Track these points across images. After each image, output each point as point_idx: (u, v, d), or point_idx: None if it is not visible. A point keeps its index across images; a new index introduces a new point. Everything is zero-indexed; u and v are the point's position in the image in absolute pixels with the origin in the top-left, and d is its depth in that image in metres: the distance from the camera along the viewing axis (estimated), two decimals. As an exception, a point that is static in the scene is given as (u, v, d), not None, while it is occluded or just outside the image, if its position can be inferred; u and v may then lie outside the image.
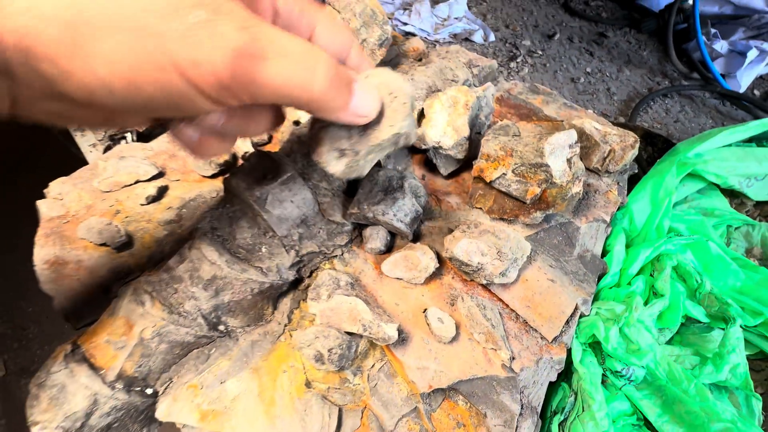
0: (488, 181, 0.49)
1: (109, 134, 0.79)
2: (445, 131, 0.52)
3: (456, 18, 1.17)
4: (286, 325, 0.43)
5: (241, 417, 0.37)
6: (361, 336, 0.41)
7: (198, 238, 0.41)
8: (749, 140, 0.69)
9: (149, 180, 0.53)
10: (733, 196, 0.69)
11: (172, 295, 0.38)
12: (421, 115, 0.56)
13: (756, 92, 0.96)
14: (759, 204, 0.69)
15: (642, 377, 0.46)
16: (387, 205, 0.46)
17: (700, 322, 0.53)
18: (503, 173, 0.48)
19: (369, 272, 0.47)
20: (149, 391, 0.37)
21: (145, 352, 0.36)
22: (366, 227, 0.49)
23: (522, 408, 0.39)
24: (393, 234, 0.49)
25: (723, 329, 0.50)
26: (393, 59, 0.70)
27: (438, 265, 0.46)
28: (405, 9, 1.18)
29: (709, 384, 0.47)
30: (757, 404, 0.46)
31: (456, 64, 0.63)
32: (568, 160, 0.47)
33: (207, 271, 0.39)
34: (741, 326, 0.48)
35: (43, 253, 0.44)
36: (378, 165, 0.54)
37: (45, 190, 0.52)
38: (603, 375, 0.46)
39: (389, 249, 0.49)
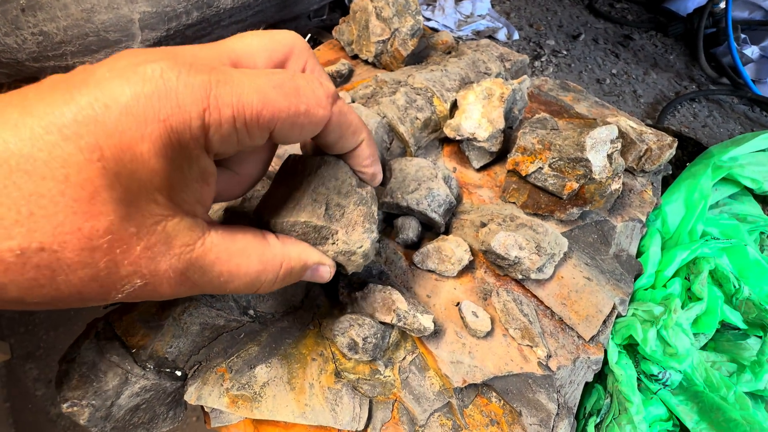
0: (524, 174, 0.48)
1: None
2: (480, 123, 0.51)
3: (479, 15, 1.16)
4: (314, 313, 0.42)
5: (270, 404, 0.36)
6: (393, 326, 0.39)
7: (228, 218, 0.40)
8: (784, 146, 0.67)
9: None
10: (765, 203, 0.67)
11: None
12: (454, 106, 0.55)
13: (787, 100, 0.94)
14: (793, 212, 0.68)
15: (678, 382, 0.44)
16: (420, 194, 0.45)
17: (734, 328, 0.51)
18: (540, 167, 0.47)
19: (399, 263, 0.46)
20: (178, 373, 0.36)
21: (176, 333, 0.35)
22: (397, 217, 0.48)
23: (558, 408, 0.38)
24: (424, 225, 0.48)
25: (760, 337, 0.49)
26: (422, 51, 0.69)
27: (471, 258, 0.44)
28: (428, 4, 1.17)
29: (746, 393, 0.45)
30: (796, 417, 0.45)
31: (488, 57, 0.62)
32: (609, 156, 0.46)
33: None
34: (781, 334, 0.47)
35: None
36: (408, 153, 0.53)
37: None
38: (638, 378, 0.45)
39: (420, 240, 0.48)
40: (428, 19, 1.12)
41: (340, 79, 0.64)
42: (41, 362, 1.16)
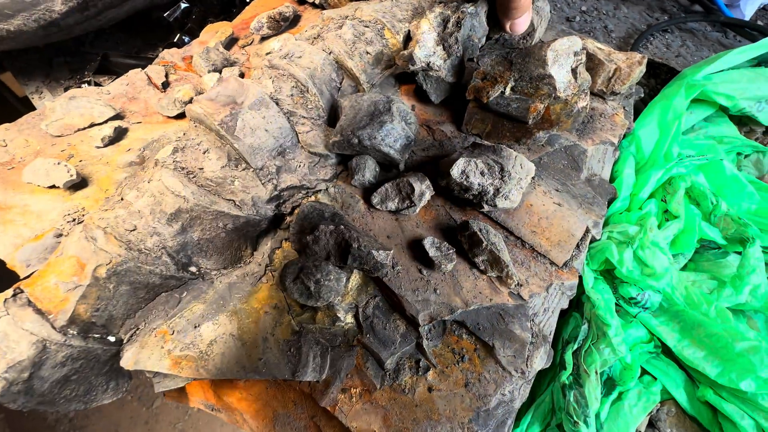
0: (485, 102, 0.44)
1: (64, 89, 0.72)
2: (434, 50, 0.46)
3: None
4: (267, 266, 0.39)
5: (218, 361, 0.32)
6: (351, 270, 0.36)
7: (159, 169, 0.36)
8: (758, 64, 0.65)
9: (105, 122, 0.47)
10: (741, 124, 0.65)
11: (130, 231, 0.33)
12: (408, 38, 0.50)
13: (760, 23, 0.91)
14: (768, 130, 0.66)
15: (658, 304, 0.42)
16: (374, 128, 0.41)
17: (713, 248, 0.50)
18: (501, 91, 0.43)
19: (357, 206, 0.42)
20: (111, 338, 0.32)
21: (102, 295, 0.31)
22: (351, 158, 0.44)
23: (533, 336, 0.35)
24: (382, 165, 0.45)
25: (739, 253, 0.47)
26: (374, -12, 0.63)
27: (434, 193, 0.41)
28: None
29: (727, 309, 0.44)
30: (778, 328, 0.44)
31: (444, -15, 0.57)
32: (573, 70, 0.42)
33: (170, 204, 0.34)
34: (761, 247, 0.45)
35: (-19, 198, 0.38)
36: (361, 91, 0.49)
37: (-14, 138, 0.46)
38: (616, 304, 0.43)
39: (379, 182, 0.44)
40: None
41: (285, 23, 0.58)
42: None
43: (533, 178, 0.42)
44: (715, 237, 0.47)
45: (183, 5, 0.75)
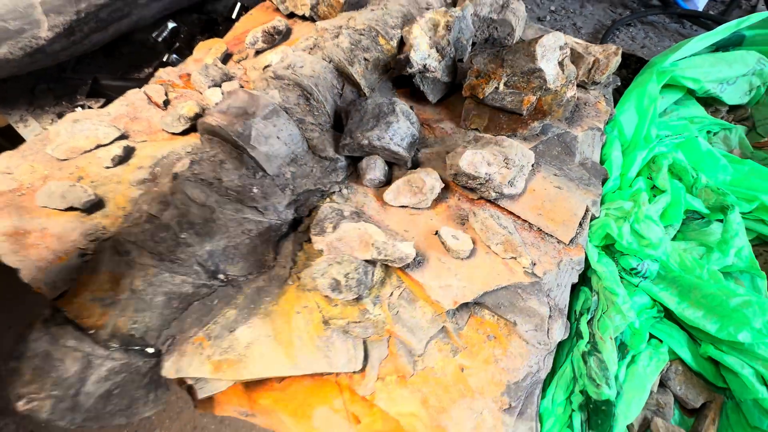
0: (481, 97, 0.47)
1: (57, 114, 0.71)
2: (429, 53, 0.49)
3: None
4: (291, 268, 0.40)
5: (258, 362, 0.33)
6: (375, 263, 0.38)
7: (180, 183, 0.37)
8: (716, 49, 0.70)
9: (111, 143, 0.47)
10: (707, 104, 0.71)
11: (160, 243, 0.34)
12: (401, 44, 0.53)
13: (711, 13, 0.98)
14: (732, 109, 0.72)
15: (656, 272, 0.46)
16: (381, 129, 0.43)
17: (697, 218, 0.54)
18: (496, 87, 0.47)
19: (371, 204, 0.44)
20: (150, 350, 0.33)
21: (139, 306, 0.32)
22: (361, 159, 0.46)
23: (551, 310, 0.38)
24: (390, 165, 0.47)
25: (721, 221, 0.51)
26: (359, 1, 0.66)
27: (443, 185, 0.43)
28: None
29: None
30: (763, 283, 0.48)
31: (428, -8, 0.60)
32: (560, 63, 0.46)
33: (196, 215, 0.35)
34: (740, 213, 0.49)
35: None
36: (362, 96, 0.51)
37: (-11, 166, 0.45)
38: (619, 276, 0.46)
39: (389, 181, 0.46)
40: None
41: (279, 37, 0.60)
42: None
43: (533, 165, 0.45)
44: (699, 207, 0.51)
45: (170, 25, 0.75)
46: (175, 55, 0.75)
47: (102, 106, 0.71)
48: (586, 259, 0.44)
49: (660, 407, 0.41)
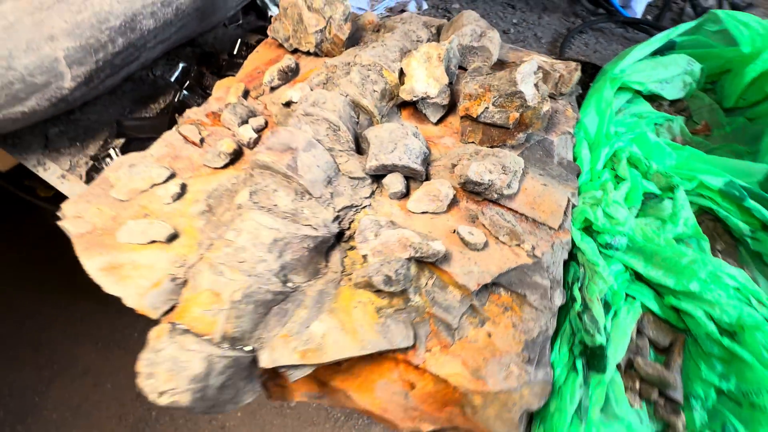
0: (475, 116, 0.58)
1: (89, 157, 0.76)
2: (428, 82, 0.59)
3: (387, -7, 1.24)
4: (342, 272, 0.49)
5: (334, 348, 0.42)
6: (410, 260, 0.47)
7: (246, 211, 0.45)
8: (654, 53, 0.84)
9: (164, 182, 0.54)
10: (652, 100, 0.84)
11: (242, 262, 0.42)
12: (401, 74, 0.63)
13: (649, 17, 1.14)
14: (672, 103, 0.85)
15: (625, 245, 0.57)
16: (400, 151, 0.52)
17: (653, 197, 0.66)
18: (486, 107, 0.57)
19: (397, 213, 0.53)
20: (248, 348, 0.41)
21: (237, 314, 0.40)
22: (383, 177, 0.55)
23: (551, 282, 0.48)
24: (407, 178, 0.56)
25: (671, 198, 0.64)
26: (354, 33, 0.75)
27: (454, 192, 0.53)
28: (338, -9, 1.22)
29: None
30: (706, 244, 0.60)
31: (416, 26, 0.70)
32: (535, 85, 0.57)
33: (267, 236, 0.43)
34: (684, 190, 0.62)
35: (93, 263, 0.44)
36: (375, 122, 0.60)
37: (59, 213, 0.51)
38: (599, 249, 0.57)
39: (407, 192, 0.56)
40: (342, 5, 1.17)
41: (291, 74, 0.68)
42: None
43: (523, 169, 0.55)
44: (653, 189, 0.63)
45: (181, 65, 0.81)
46: (185, 92, 0.82)
47: (124, 146, 0.77)
48: (572, 240, 0.55)
49: (639, 348, 0.52)
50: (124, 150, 0.73)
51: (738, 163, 0.65)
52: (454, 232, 0.51)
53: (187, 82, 0.81)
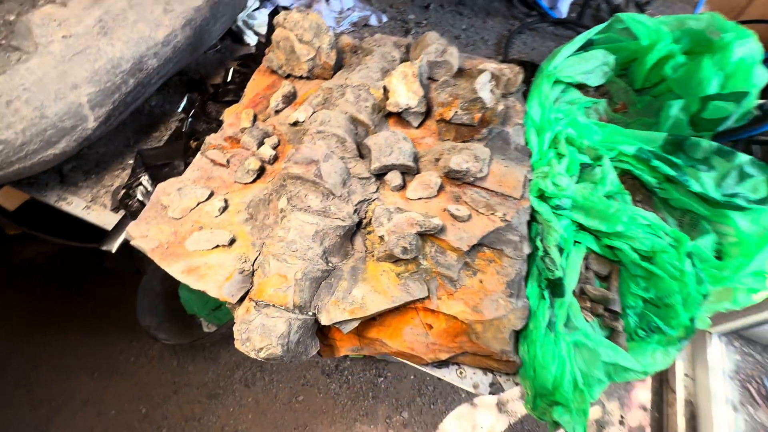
0: (448, 119, 0.74)
1: (120, 189, 0.84)
2: (408, 96, 0.74)
3: (349, 9, 1.37)
4: (366, 251, 0.63)
5: (371, 305, 0.57)
6: (417, 234, 0.63)
7: (290, 214, 0.58)
8: (578, 51, 1.04)
9: (207, 199, 0.66)
10: (581, 88, 1.04)
11: (296, 251, 0.55)
12: (386, 90, 0.77)
13: (573, 15, 1.35)
14: (597, 89, 1.06)
15: (570, 204, 0.76)
16: (396, 153, 0.67)
17: (587, 166, 0.86)
18: (455, 111, 0.73)
19: (400, 202, 0.68)
20: (310, 313, 0.55)
21: (299, 288, 0.53)
22: (384, 174, 0.70)
23: (520, 238, 0.66)
24: (403, 174, 0.71)
25: (600, 165, 0.83)
26: (338, 57, 0.88)
27: (441, 180, 0.69)
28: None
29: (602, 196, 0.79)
30: (628, 197, 0.80)
31: (390, 48, 0.85)
32: (491, 91, 0.73)
33: (310, 229, 0.57)
34: (608, 159, 0.82)
35: (174, 268, 0.56)
36: (369, 132, 0.75)
37: (127, 236, 0.62)
38: (552, 211, 0.75)
39: (404, 185, 0.71)
40: (312, 24, 1.29)
41: (291, 97, 0.81)
42: None
43: (490, 156, 0.72)
44: (586, 160, 0.82)
45: (187, 96, 0.91)
46: (190, 119, 0.92)
47: (147, 174, 0.86)
48: (531, 205, 0.72)
49: (587, 279, 0.71)
50: (152, 176, 0.82)
51: (644, 133, 0.85)
52: (445, 210, 0.67)
53: (193, 110, 0.91)
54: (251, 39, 1.23)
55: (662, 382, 1.98)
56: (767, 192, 0.75)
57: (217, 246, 0.58)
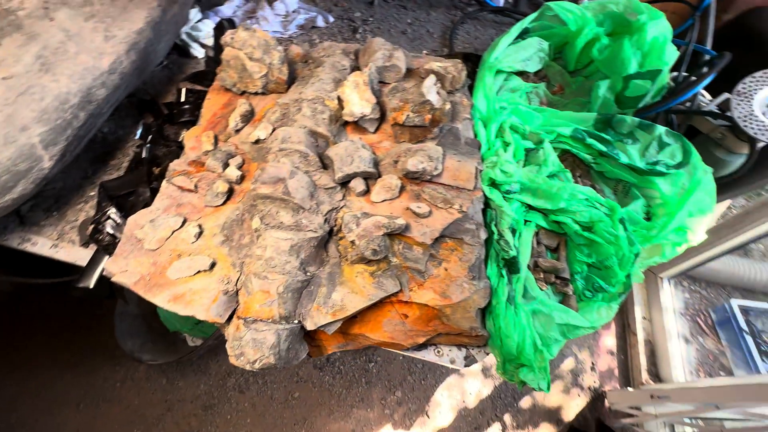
0: (401, 123, 0.79)
1: (88, 224, 0.84)
2: (362, 104, 0.79)
3: (294, 11, 1.37)
4: (340, 256, 0.69)
5: (350, 305, 0.63)
6: (384, 236, 0.69)
7: (265, 232, 0.63)
8: (515, 40, 1.11)
9: (181, 227, 0.69)
10: (521, 74, 1.12)
11: (275, 266, 0.60)
12: (339, 100, 0.81)
13: (510, 1, 1.42)
14: (536, 73, 1.14)
15: (518, 188, 0.84)
16: (357, 161, 0.72)
17: (531, 150, 0.94)
18: (407, 115, 0.79)
19: (366, 206, 0.74)
20: (295, 321, 0.60)
21: (282, 301, 0.58)
22: (348, 182, 0.75)
23: (476, 225, 0.73)
24: (365, 179, 0.76)
25: (542, 148, 0.92)
26: (290, 69, 0.91)
27: (401, 182, 0.75)
28: (250, 18, 1.33)
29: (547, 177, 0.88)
30: (569, 174, 0.90)
31: (339, 57, 0.88)
32: (438, 93, 0.79)
33: (285, 245, 0.62)
34: (549, 142, 0.90)
35: (160, 298, 0.59)
36: (330, 143, 0.79)
37: (106, 273, 0.64)
38: (503, 197, 0.83)
39: (368, 189, 0.76)
40: (258, 31, 1.28)
41: (249, 115, 0.83)
42: None
43: (442, 153, 0.79)
44: (529, 145, 0.91)
45: (142, 123, 0.91)
46: (148, 145, 0.92)
47: (114, 206, 0.86)
48: (484, 194, 0.80)
49: (539, 252, 0.81)
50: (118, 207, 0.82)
51: (578, 114, 0.94)
52: (408, 209, 0.73)
53: (150, 136, 0.91)
54: (198, 52, 1.22)
55: (625, 327, 2.19)
56: (682, 157, 0.87)
57: (199, 271, 0.62)
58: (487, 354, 0.75)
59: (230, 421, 1.69)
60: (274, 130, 0.77)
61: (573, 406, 1.84)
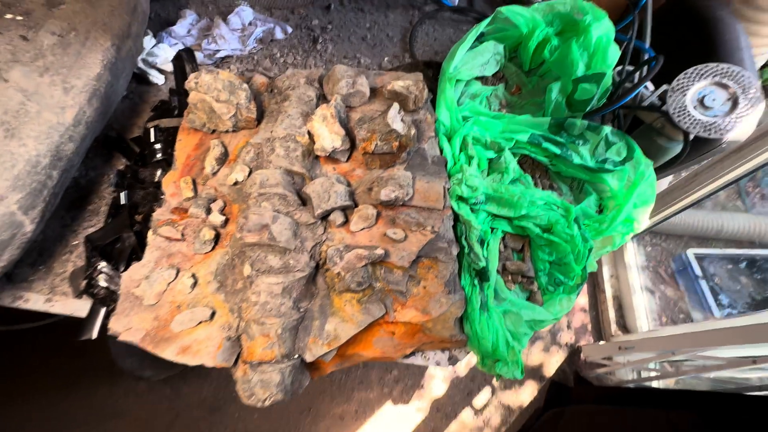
0: (371, 151, 0.84)
1: (80, 279, 0.87)
2: (332, 138, 0.83)
3: (250, 24, 1.35)
4: (327, 288, 0.75)
5: (342, 334, 0.70)
6: (366, 266, 0.75)
7: (257, 278, 0.68)
8: (472, 46, 1.15)
9: (175, 278, 0.73)
10: (480, 79, 1.17)
11: (271, 310, 0.66)
12: (310, 134, 0.85)
13: (465, 6, 1.44)
14: (494, 75, 1.19)
15: (484, 199, 0.92)
16: (334, 196, 0.78)
17: (493, 157, 1.01)
18: (376, 143, 0.84)
19: (347, 236, 0.80)
20: (296, 356, 0.67)
21: (282, 341, 0.65)
22: (328, 216, 0.80)
23: (448, 243, 0.81)
24: (344, 210, 0.82)
25: (503, 155, 0.99)
26: (258, 103, 0.93)
27: (377, 210, 0.81)
28: (205, 36, 1.30)
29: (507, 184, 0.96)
30: (530, 178, 0.98)
31: (305, 87, 0.91)
32: (402, 120, 0.84)
33: (277, 288, 0.68)
34: (509, 149, 0.98)
35: (168, 353, 0.65)
36: (301, 180, 0.83)
37: (112, 333, 0.68)
38: (470, 210, 0.91)
39: (347, 220, 0.82)
40: (216, 51, 1.27)
41: (224, 157, 0.86)
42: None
43: (412, 178, 0.85)
44: (491, 155, 0.98)
45: (116, 170, 0.92)
46: (124, 192, 0.93)
47: (103, 259, 0.89)
48: (453, 210, 0.87)
49: (506, 256, 0.90)
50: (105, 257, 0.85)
51: (534, 120, 1.01)
52: (384, 235, 0.80)
53: (126, 182, 0.92)
54: (157, 78, 1.20)
55: (595, 286, 2.39)
56: (626, 153, 0.96)
57: (201, 322, 0.67)
58: (468, 353, 0.85)
59: (238, 419, 1.79)
60: (251, 171, 0.81)
61: (553, 363, 2.04)
